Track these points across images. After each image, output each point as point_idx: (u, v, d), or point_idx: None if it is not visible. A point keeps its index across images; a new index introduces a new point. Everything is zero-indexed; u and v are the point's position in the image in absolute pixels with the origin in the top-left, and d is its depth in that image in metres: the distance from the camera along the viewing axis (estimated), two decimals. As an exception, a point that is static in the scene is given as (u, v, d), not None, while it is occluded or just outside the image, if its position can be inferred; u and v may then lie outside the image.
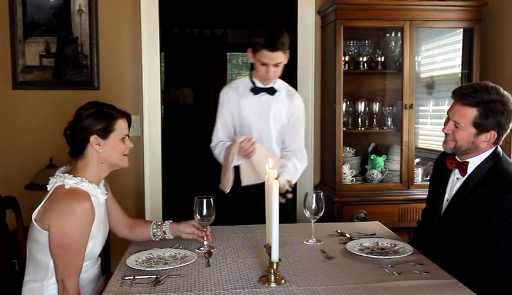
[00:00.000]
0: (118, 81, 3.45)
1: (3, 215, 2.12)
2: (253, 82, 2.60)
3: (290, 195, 2.45)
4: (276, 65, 2.48)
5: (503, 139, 2.00)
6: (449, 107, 2.05)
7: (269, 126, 2.61)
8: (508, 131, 1.98)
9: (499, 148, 2.02)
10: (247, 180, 2.53)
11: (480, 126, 1.94)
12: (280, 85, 2.65)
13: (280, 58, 2.46)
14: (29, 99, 3.39)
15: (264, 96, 2.60)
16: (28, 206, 2.35)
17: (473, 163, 2.01)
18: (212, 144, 2.68)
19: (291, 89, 2.71)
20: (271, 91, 2.60)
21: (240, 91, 2.62)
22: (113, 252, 3.19)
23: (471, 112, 1.94)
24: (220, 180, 2.58)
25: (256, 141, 2.46)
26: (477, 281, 1.80)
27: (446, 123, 2.04)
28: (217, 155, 2.65)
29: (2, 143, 3.40)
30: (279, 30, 2.47)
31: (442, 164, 2.14)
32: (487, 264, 1.86)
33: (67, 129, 1.92)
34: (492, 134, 1.95)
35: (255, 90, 2.59)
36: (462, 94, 1.97)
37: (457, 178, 2.07)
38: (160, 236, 2.13)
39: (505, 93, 1.96)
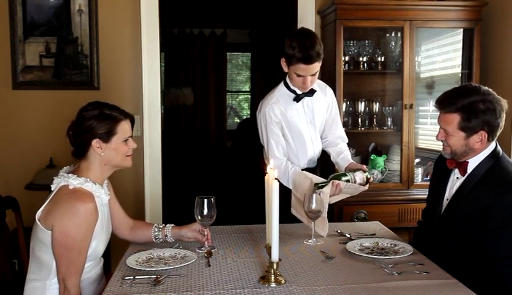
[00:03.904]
0: (118, 81, 3.45)
1: (3, 215, 2.12)
2: (293, 91, 2.57)
3: (371, 179, 2.50)
4: (313, 74, 2.46)
5: (498, 134, 2.00)
6: (438, 116, 2.07)
7: (315, 126, 2.66)
8: (501, 126, 1.98)
9: (499, 147, 2.03)
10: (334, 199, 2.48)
11: (468, 129, 1.95)
12: (323, 84, 2.71)
13: (317, 67, 2.44)
14: (29, 99, 3.39)
15: (305, 99, 2.60)
16: (28, 206, 2.35)
17: (473, 162, 2.01)
18: (271, 166, 2.56)
19: (320, 82, 2.70)
20: (310, 92, 2.58)
21: (282, 103, 2.57)
22: (113, 252, 3.18)
23: (454, 118, 1.96)
24: (293, 207, 2.47)
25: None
26: (477, 280, 1.81)
27: (438, 132, 2.07)
28: (284, 181, 2.52)
29: (2, 143, 3.39)
30: (313, 41, 2.41)
31: (442, 164, 2.15)
32: (487, 263, 1.87)
33: (70, 129, 1.91)
34: (483, 134, 1.95)
35: (297, 98, 2.58)
36: (442, 103, 2.01)
37: (457, 178, 2.07)
38: (162, 239, 2.13)
39: (487, 90, 1.96)
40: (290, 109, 2.58)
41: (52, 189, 1.87)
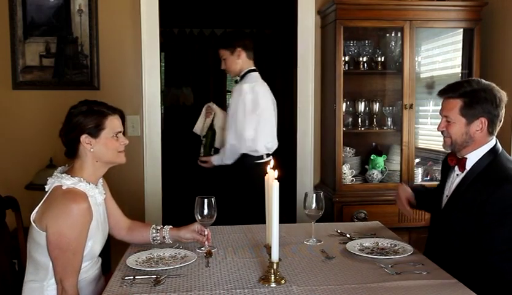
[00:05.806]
0: (118, 81, 3.44)
1: (3, 215, 2.11)
2: None
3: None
4: (223, 59, 3.14)
5: (498, 128, 2.02)
6: (441, 106, 2.11)
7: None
8: (501, 118, 2.01)
9: (498, 144, 2.04)
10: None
11: (469, 115, 1.99)
12: (246, 79, 3.03)
13: (221, 53, 3.15)
14: (29, 99, 3.39)
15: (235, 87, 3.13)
16: (28, 206, 2.34)
17: (472, 159, 2.03)
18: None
19: (250, 78, 3.09)
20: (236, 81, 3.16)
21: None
22: (113, 252, 3.18)
23: (457, 103, 2.01)
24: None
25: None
26: (476, 275, 1.82)
27: (440, 122, 2.10)
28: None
29: (2, 143, 3.39)
30: (227, 33, 3.22)
31: (446, 163, 2.18)
32: (483, 257, 1.88)
33: (61, 130, 1.91)
34: (483, 122, 1.98)
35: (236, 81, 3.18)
36: (446, 91, 2.08)
37: (457, 175, 2.09)
38: (159, 241, 2.12)
39: (487, 83, 2.04)
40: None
41: (46, 190, 1.87)
